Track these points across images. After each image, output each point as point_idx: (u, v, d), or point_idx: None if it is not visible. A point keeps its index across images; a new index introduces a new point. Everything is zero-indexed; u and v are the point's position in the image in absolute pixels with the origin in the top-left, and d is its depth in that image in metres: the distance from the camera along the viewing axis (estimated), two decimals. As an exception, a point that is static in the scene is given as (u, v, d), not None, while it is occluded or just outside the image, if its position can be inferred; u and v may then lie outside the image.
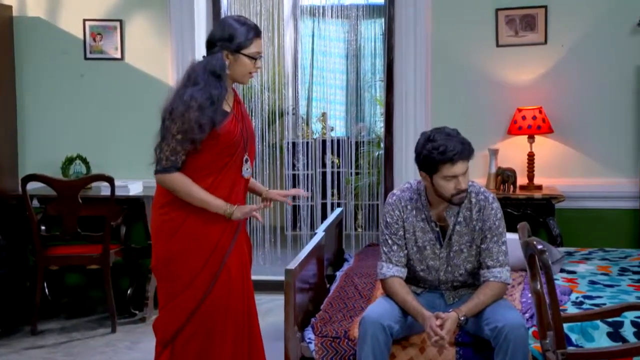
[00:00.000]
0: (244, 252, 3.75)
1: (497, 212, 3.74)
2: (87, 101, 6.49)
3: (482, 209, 3.72)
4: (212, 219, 3.58)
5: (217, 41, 3.56)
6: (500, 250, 3.71)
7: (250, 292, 3.77)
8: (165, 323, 3.70)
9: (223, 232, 3.61)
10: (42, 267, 5.71)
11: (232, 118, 3.58)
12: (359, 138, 8.26)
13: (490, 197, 3.76)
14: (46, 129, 6.52)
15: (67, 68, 6.48)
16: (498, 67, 6.07)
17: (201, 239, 3.60)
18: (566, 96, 5.99)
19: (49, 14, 6.46)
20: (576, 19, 5.98)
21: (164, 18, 6.37)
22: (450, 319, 3.53)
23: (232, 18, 3.65)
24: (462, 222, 3.74)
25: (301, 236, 7.92)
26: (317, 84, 9.16)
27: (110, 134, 6.48)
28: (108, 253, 5.69)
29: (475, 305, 3.63)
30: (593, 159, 5.98)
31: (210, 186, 3.57)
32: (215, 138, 3.51)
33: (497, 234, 3.72)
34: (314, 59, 9.14)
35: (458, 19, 6.12)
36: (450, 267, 3.79)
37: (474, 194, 3.75)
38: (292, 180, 8.21)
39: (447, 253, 3.78)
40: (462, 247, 3.76)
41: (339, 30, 9.13)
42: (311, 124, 9.05)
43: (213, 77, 3.50)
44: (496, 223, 3.72)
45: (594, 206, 5.97)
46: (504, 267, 3.71)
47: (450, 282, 3.84)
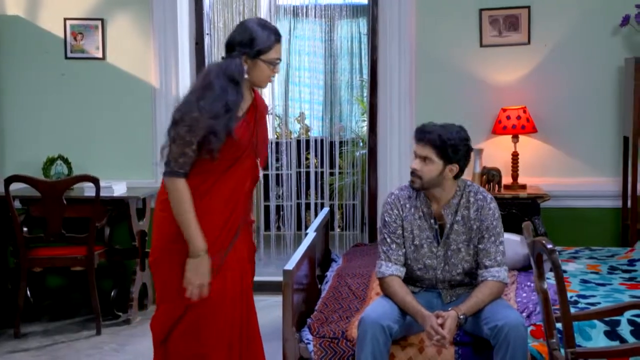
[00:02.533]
0: (243, 257, 3.65)
1: (494, 212, 3.76)
2: (69, 101, 6.41)
3: (480, 209, 3.74)
4: (209, 219, 3.50)
5: (236, 45, 3.47)
6: (498, 250, 3.73)
7: (249, 299, 3.69)
8: (159, 322, 3.64)
9: (220, 234, 3.54)
10: (25, 269, 5.63)
11: (242, 123, 3.52)
12: (338, 138, 8.25)
13: (489, 198, 3.78)
14: (27, 129, 6.43)
15: (48, 67, 6.39)
16: (482, 67, 6.09)
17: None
18: (550, 96, 6.04)
19: (28, 13, 6.37)
20: (559, 19, 6.02)
21: (146, 17, 6.31)
22: (451, 317, 3.54)
23: (252, 21, 3.57)
24: (460, 220, 3.75)
25: (283, 236, 7.89)
26: (293, 84, 9.13)
27: (92, 134, 6.41)
28: (93, 254, 5.63)
29: (474, 303, 3.64)
30: (576, 158, 6.04)
31: (212, 186, 3.50)
32: (227, 143, 3.45)
33: (495, 233, 3.73)
34: (290, 58, 9.11)
35: (442, 19, 6.13)
36: (447, 265, 3.80)
37: (473, 193, 3.77)
38: (273, 180, 8.17)
39: (445, 252, 3.78)
40: (459, 245, 3.76)
41: (316, 29, 9.12)
42: (289, 123, 9.02)
43: (230, 83, 3.43)
44: (494, 223, 3.74)
45: (577, 205, 6.02)
46: (502, 266, 3.72)
47: (448, 281, 3.84)
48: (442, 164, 3.67)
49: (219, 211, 3.52)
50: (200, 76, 3.55)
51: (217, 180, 3.51)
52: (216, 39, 7.05)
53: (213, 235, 3.49)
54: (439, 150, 3.65)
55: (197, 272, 3.42)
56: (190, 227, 3.41)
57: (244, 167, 3.56)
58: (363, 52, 8.75)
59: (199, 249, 3.41)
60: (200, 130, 3.37)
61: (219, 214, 3.52)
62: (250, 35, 3.46)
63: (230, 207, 3.54)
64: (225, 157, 3.48)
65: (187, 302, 3.48)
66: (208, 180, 3.50)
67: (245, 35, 3.47)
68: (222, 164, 3.49)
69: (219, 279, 3.50)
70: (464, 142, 3.74)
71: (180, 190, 3.42)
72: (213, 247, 3.48)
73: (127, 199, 5.90)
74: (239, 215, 3.59)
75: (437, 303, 3.85)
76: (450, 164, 3.68)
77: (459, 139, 3.70)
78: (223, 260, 3.51)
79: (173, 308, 3.55)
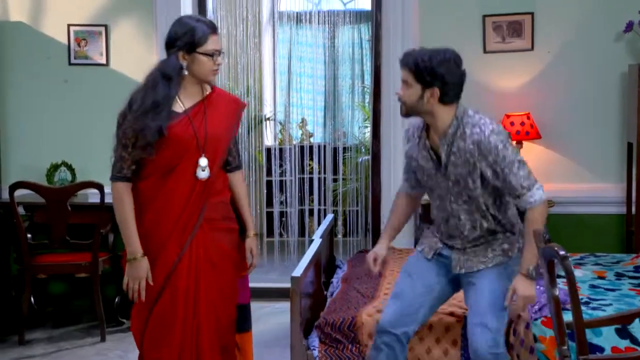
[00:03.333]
0: (198, 258, 3.59)
1: (497, 143, 3.41)
2: (72, 107, 6.41)
3: (478, 143, 3.42)
4: (162, 219, 3.53)
5: (173, 42, 3.51)
6: (520, 176, 3.41)
7: (199, 305, 3.60)
8: (134, 323, 3.70)
9: (172, 233, 3.54)
10: (30, 276, 5.62)
11: (183, 119, 3.52)
12: (339, 144, 8.25)
13: (487, 131, 3.43)
14: (30, 135, 6.43)
15: (51, 74, 6.40)
16: (485, 73, 6.10)
17: (149, 240, 3.55)
18: (553, 102, 6.05)
19: (32, 19, 6.37)
20: (562, 25, 6.04)
21: (149, 23, 6.32)
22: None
23: (186, 17, 3.62)
24: (457, 152, 3.48)
25: (286, 243, 7.88)
26: (295, 90, 9.14)
27: (96, 141, 6.37)
28: (97, 261, 5.62)
29: (528, 251, 3.43)
30: (580, 165, 6.05)
31: (169, 190, 3.52)
32: (163, 141, 3.46)
33: (508, 163, 3.41)
34: (291, 64, 9.11)
35: (445, 25, 6.14)
36: (452, 197, 3.55)
37: (471, 125, 3.47)
38: (277, 186, 8.17)
39: (447, 183, 3.55)
40: (458, 178, 3.50)
41: (317, 36, 9.12)
42: (290, 129, 9.03)
43: (162, 80, 3.46)
44: (500, 155, 3.40)
45: (581, 211, 6.02)
46: (532, 189, 3.43)
47: (458, 229, 3.60)
48: (420, 87, 3.45)
49: (170, 211, 3.54)
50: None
51: (164, 180, 3.53)
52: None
53: (165, 232, 3.53)
54: (415, 74, 3.45)
55: (133, 275, 3.51)
56: (127, 231, 3.52)
57: (190, 166, 3.54)
58: (365, 58, 8.75)
59: (134, 252, 3.51)
60: (130, 130, 3.41)
61: (170, 213, 3.53)
62: (185, 30, 3.49)
63: (180, 206, 3.54)
64: (167, 155, 3.49)
65: (148, 305, 3.53)
66: (156, 181, 3.53)
67: (179, 31, 3.50)
68: (167, 164, 3.51)
69: (170, 284, 3.53)
70: (444, 65, 3.46)
71: (118, 194, 3.51)
72: (168, 244, 3.52)
73: (131, 205, 5.88)
74: (193, 215, 3.57)
75: (445, 274, 3.67)
76: (429, 88, 3.44)
77: (438, 61, 3.44)
78: (180, 258, 3.53)
79: (142, 310, 3.59)
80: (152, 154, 3.45)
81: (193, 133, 3.52)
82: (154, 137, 3.41)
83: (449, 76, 3.47)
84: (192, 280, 3.57)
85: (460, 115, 3.51)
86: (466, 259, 3.60)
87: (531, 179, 3.45)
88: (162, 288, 3.54)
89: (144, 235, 3.53)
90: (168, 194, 3.53)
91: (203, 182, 3.57)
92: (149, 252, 3.53)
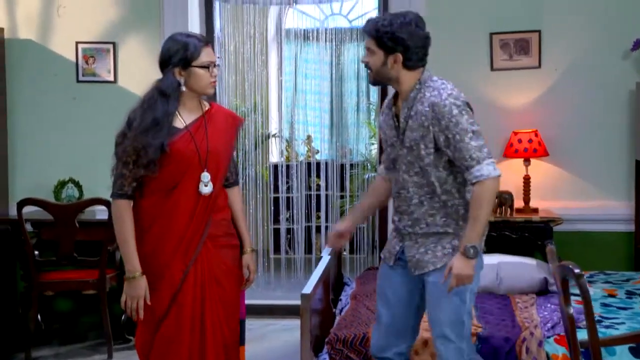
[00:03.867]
0: (207, 281, 3.58)
1: (452, 107, 3.28)
2: (80, 124, 6.42)
3: (433, 106, 3.30)
4: (166, 236, 3.51)
5: (167, 60, 3.53)
6: (471, 147, 3.26)
7: (206, 328, 3.58)
8: (139, 342, 3.66)
9: (177, 250, 3.52)
10: (37, 293, 5.61)
11: (184, 135, 3.52)
12: (345, 160, 8.24)
13: (445, 94, 3.32)
14: (38, 152, 6.44)
15: (59, 91, 6.41)
16: (493, 90, 6.11)
17: (153, 258, 3.53)
18: (561, 119, 6.06)
19: (40, 37, 6.40)
20: (569, 43, 6.05)
21: (157, 40, 6.29)
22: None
23: (177, 34, 3.62)
24: (414, 115, 3.37)
25: (293, 260, 7.85)
26: (300, 107, 9.14)
27: (103, 158, 6.22)
28: (105, 278, 5.62)
29: (471, 226, 3.27)
30: (588, 182, 6.04)
31: (172, 207, 3.52)
32: (166, 157, 3.46)
33: (460, 130, 3.27)
34: (297, 81, 9.12)
35: (453, 43, 6.14)
36: (405, 166, 3.44)
37: (431, 88, 3.36)
38: (283, 203, 8.15)
39: (404, 150, 3.44)
40: (412, 144, 3.39)
41: (322, 53, 9.13)
42: (295, 146, 9.03)
43: (160, 97, 3.47)
44: (453, 120, 3.27)
45: (589, 229, 6.01)
46: (482, 162, 3.24)
47: (406, 202, 3.47)
48: (382, 53, 3.39)
49: (174, 228, 3.52)
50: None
51: (167, 197, 3.52)
52: (227, 62, 7.07)
53: (170, 250, 3.51)
54: (376, 40, 3.38)
55: (131, 293, 3.49)
56: (126, 249, 3.51)
57: (193, 182, 3.54)
58: (370, 75, 8.73)
59: (132, 271, 3.49)
60: (131, 148, 3.42)
61: (174, 231, 3.52)
62: (178, 47, 3.50)
63: (184, 223, 3.53)
64: (170, 172, 3.48)
65: (153, 324, 3.51)
66: (159, 199, 3.51)
67: (172, 48, 3.52)
68: (170, 180, 3.50)
69: (176, 303, 3.52)
70: (404, 28, 3.35)
71: (118, 212, 3.51)
72: (172, 262, 3.50)
73: (138, 222, 5.87)
74: (198, 231, 3.56)
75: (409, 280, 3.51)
76: (392, 53, 3.37)
77: (398, 25, 3.35)
78: (185, 276, 3.52)
79: (146, 329, 3.57)
80: (155, 172, 3.44)
81: (195, 148, 3.53)
82: (156, 154, 3.41)
83: (410, 40, 3.36)
84: (198, 298, 3.56)
85: (424, 80, 3.42)
86: (418, 259, 3.44)
87: (483, 152, 3.27)
88: (168, 307, 3.52)
89: (148, 253, 3.52)
90: (171, 211, 3.52)
91: (206, 198, 3.56)
92: (153, 271, 3.51)
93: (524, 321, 4.22)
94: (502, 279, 4.93)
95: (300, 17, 8.89)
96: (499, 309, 4.54)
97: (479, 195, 3.24)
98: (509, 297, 4.80)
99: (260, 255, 7.64)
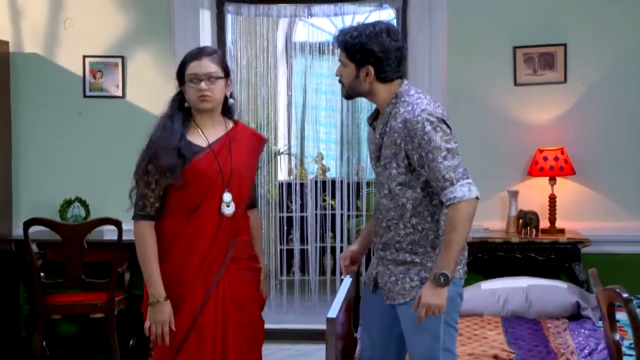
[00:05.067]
0: (225, 299, 3.54)
1: (424, 123, 3.15)
2: (87, 141, 6.39)
3: (405, 122, 3.18)
4: (187, 258, 3.48)
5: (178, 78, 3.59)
6: (444, 166, 3.11)
7: (228, 354, 3.54)
8: None
9: (198, 273, 3.49)
10: (43, 316, 5.56)
11: (208, 154, 3.51)
12: (361, 178, 8.20)
13: (418, 109, 3.18)
14: (43, 170, 6.40)
15: (66, 106, 6.39)
16: (516, 106, 6.07)
17: (173, 281, 3.50)
18: (588, 136, 6.01)
19: (47, 51, 6.38)
20: (596, 57, 6.01)
21: (167, 54, 6.30)
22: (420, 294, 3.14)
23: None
24: (388, 132, 3.26)
25: (307, 282, 7.80)
26: (310, 123, 9.11)
27: (111, 176, 6.34)
28: (113, 301, 5.56)
29: (442, 255, 3.11)
30: (617, 202, 5.99)
31: (194, 229, 3.49)
32: (189, 176, 3.44)
33: (433, 148, 3.13)
34: (306, 97, 9.10)
35: (475, 58, 6.12)
36: (379, 185, 3.37)
37: (406, 104, 3.23)
38: (288, 222, 8.11)
39: (379, 170, 3.35)
40: (385, 162, 3.29)
41: (332, 67, 9.11)
42: (305, 163, 9.00)
43: (174, 115, 3.51)
44: (425, 137, 3.13)
45: (617, 251, 5.94)
46: (455, 184, 3.09)
47: (378, 225, 3.39)
48: (354, 67, 3.28)
49: (195, 250, 3.49)
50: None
51: (189, 218, 3.49)
52: (239, 76, 7.05)
53: (191, 273, 3.48)
54: (348, 52, 3.28)
55: (156, 319, 3.45)
56: (149, 273, 3.46)
57: (215, 203, 3.51)
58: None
59: (156, 295, 3.45)
60: (152, 167, 3.43)
61: (195, 253, 3.49)
62: (179, 63, 3.55)
63: (206, 245, 3.50)
64: (192, 191, 3.46)
65: (173, 350, 3.48)
66: (180, 220, 3.49)
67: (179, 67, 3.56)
68: (192, 201, 3.48)
69: (196, 328, 3.48)
70: (374, 39, 3.24)
71: (141, 234, 3.49)
72: (193, 286, 3.47)
73: (148, 242, 5.83)
74: (220, 254, 3.53)
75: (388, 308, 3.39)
76: (363, 66, 3.26)
77: (366, 36, 3.24)
78: (206, 300, 3.48)
79: (165, 354, 3.53)
80: (179, 189, 3.43)
81: (218, 168, 3.51)
82: (178, 174, 3.40)
83: (381, 52, 3.24)
84: (219, 323, 3.52)
85: (400, 93, 3.29)
86: (389, 288, 3.32)
87: (458, 172, 3.12)
88: (188, 332, 3.48)
89: (168, 276, 3.48)
90: (193, 232, 3.49)
91: (230, 220, 3.54)
92: (174, 294, 3.48)
93: (558, 347, 4.17)
94: (532, 302, 4.88)
95: (310, 31, 8.87)
96: (530, 334, 4.49)
97: (451, 219, 3.09)
98: (539, 322, 4.75)
99: (272, 277, 7.58)
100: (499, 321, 4.77)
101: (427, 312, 3.08)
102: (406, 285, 3.27)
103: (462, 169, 3.13)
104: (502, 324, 4.70)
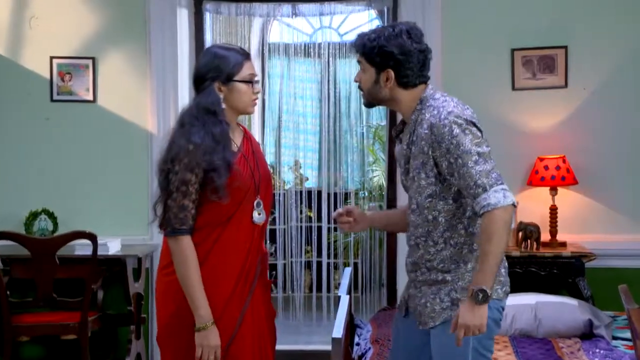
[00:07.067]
0: (260, 316, 3.52)
1: (452, 126, 3.08)
2: (54, 148, 6.27)
3: (432, 127, 3.12)
4: (221, 275, 3.39)
5: (205, 75, 3.42)
6: (476, 172, 3.02)
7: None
8: None
9: (235, 289, 3.41)
10: (10, 338, 5.41)
11: (241, 157, 3.44)
12: (336, 189, 8.15)
13: (444, 112, 3.12)
14: (7, 179, 6.27)
15: (31, 111, 6.26)
16: (515, 112, 6.07)
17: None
18: (591, 144, 6.01)
19: (11, 51, 6.25)
20: (599, 60, 6.02)
21: (142, 55, 6.22)
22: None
23: (216, 46, 3.58)
24: (416, 140, 3.20)
25: (292, 298, 7.74)
26: (287, 129, 9.03)
27: (81, 186, 6.26)
28: (87, 321, 5.44)
29: (479, 270, 3.00)
30: (621, 214, 5.99)
31: (227, 241, 3.39)
32: (227, 182, 3.35)
33: (462, 152, 3.04)
34: (282, 101, 9.02)
35: (470, 60, 6.11)
36: (408, 201, 3.32)
37: (432, 108, 3.19)
38: (281, 235, 8.04)
39: (409, 184, 3.30)
40: (414, 173, 3.22)
41: (310, 70, 9.08)
42: (282, 173, 8.93)
43: (208, 115, 3.37)
44: (454, 141, 3.06)
45: (622, 265, 5.92)
46: (489, 190, 2.99)
47: (408, 243, 3.34)
48: (373, 71, 3.25)
49: (230, 264, 3.41)
50: (176, 121, 3.48)
51: (222, 230, 3.40)
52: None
53: (227, 291, 3.39)
54: (367, 56, 3.25)
55: (210, 344, 3.33)
56: (195, 294, 3.33)
57: (248, 210, 3.44)
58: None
59: (204, 319, 3.33)
60: (192, 175, 3.30)
61: (230, 268, 3.40)
62: (216, 60, 3.42)
63: (241, 258, 3.43)
64: (230, 199, 3.36)
65: None
66: (213, 232, 3.39)
67: (211, 62, 3.43)
68: (225, 211, 3.38)
69: (230, 354, 3.39)
70: (394, 41, 3.19)
71: (184, 251, 3.33)
72: (230, 304, 3.39)
73: (123, 257, 5.75)
74: (252, 267, 3.47)
75: (412, 325, 3.32)
76: (383, 70, 3.22)
77: (385, 38, 3.20)
78: (241, 320, 3.41)
79: None
80: (223, 196, 3.31)
81: (250, 173, 3.46)
82: (225, 176, 3.31)
83: (402, 54, 3.19)
84: (256, 346, 3.45)
85: (425, 98, 3.24)
86: (419, 312, 3.26)
87: (491, 177, 3.02)
88: (224, 354, 3.38)
89: None
90: (226, 245, 3.40)
91: (260, 228, 3.49)
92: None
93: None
94: (541, 320, 4.84)
95: (287, 31, 8.80)
96: (542, 354, 4.46)
97: (486, 228, 2.98)
98: (550, 341, 4.72)
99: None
100: (507, 341, 4.73)
101: (467, 333, 2.97)
102: (436, 307, 3.19)
103: (496, 174, 3.04)
104: (511, 344, 4.66)
